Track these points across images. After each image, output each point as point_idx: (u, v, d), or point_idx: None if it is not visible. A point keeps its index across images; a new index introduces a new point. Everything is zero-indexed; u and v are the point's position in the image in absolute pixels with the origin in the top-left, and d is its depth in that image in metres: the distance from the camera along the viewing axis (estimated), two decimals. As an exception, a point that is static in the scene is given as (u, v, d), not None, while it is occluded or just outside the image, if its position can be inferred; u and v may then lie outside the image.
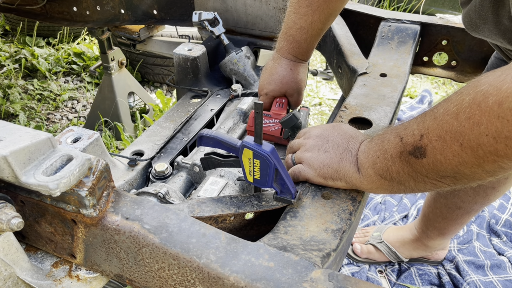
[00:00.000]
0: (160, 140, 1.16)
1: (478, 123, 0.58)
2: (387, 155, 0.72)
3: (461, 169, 0.63)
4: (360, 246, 1.75)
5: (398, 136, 0.71)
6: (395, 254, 1.70)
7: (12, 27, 3.54)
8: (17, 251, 0.69)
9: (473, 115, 0.59)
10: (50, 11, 1.98)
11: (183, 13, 1.67)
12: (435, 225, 1.59)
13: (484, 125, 0.57)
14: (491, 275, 1.72)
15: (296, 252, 0.66)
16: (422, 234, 1.65)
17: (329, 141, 0.83)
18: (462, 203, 1.46)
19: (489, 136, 0.57)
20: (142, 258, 0.67)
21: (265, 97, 1.20)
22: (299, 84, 1.19)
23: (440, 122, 0.64)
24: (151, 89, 3.06)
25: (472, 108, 0.59)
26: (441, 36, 1.39)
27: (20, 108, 2.72)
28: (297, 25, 1.09)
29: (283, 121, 1.09)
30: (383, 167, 0.73)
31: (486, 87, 0.58)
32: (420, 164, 0.67)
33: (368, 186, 0.78)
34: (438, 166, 0.65)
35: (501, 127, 0.56)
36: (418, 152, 0.67)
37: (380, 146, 0.74)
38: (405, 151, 0.69)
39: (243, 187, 1.01)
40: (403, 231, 1.75)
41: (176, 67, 1.43)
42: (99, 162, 0.64)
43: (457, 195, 1.45)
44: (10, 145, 0.59)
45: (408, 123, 0.71)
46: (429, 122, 0.66)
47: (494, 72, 0.59)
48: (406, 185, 0.72)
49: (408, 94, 3.08)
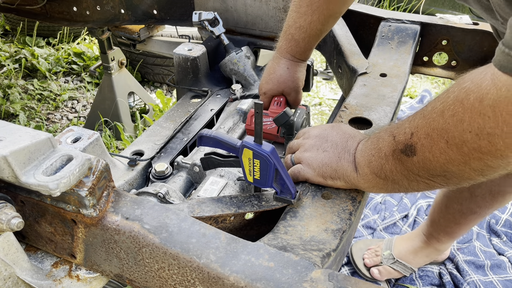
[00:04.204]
0: (160, 140, 1.16)
1: (461, 120, 0.58)
2: (381, 153, 0.73)
3: (449, 167, 0.63)
4: (378, 270, 1.69)
5: (391, 134, 0.71)
6: (411, 269, 1.70)
7: (12, 27, 3.54)
8: (17, 251, 0.69)
9: (456, 112, 0.59)
10: (50, 11, 1.97)
11: (183, 13, 1.67)
12: (446, 230, 1.55)
13: (466, 122, 0.58)
14: (491, 275, 1.72)
15: (296, 252, 0.66)
16: (432, 239, 1.62)
17: (328, 140, 0.83)
18: (478, 208, 1.42)
19: (472, 133, 0.57)
20: (142, 258, 0.67)
21: (264, 96, 1.21)
22: (296, 83, 1.20)
23: (428, 120, 0.64)
24: (151, 89, 3.06)
25: (456, 105, 0.59)
26: (441, 36, 1.39)
27: (20, 108, 2.72)
28: (296, 24, 1.10)
29: (275, 118, 1.10)
30: (377, 165, 0.74)
31: (469, 84, 0.58)
32: (411, 162, 0.67)
33: (365, 185, 0.78)
34: (428, 164, 0.65)
35: (483, 123, 0.56)
36: (409, 150, 0.67)
37: (375, 145, 0.75)
38: (397, 149, 0.69)
39: (243, 187, 1.01)
40: (412, 240, 1.70)
41: (176, 67, 1.43)
42: (99, 162, 0.64)
43: (474, 201, 1.40)
44: (10, 145, 0.59)
45: (402, 122, 0.71)
46: (419, 120, 0.66)
47: (477, 69, 0.59)
48: (400, 184, 0.72)
49: (408, 94, 3.07)
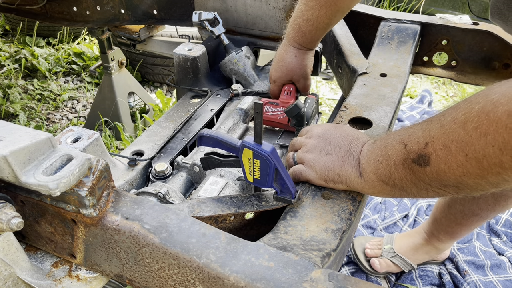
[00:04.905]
0: (160, 140, 1.16)
1: (485, 133, 0.56)
2: (390, 161, 0.71)
3: (464, 180, 0.61)
4: (378, 261, 1.72)
5: (402, 142, 0.69)
6: (410, 265, 1.71)
7: (12, 27, 3.54)
8: (17, 251, 0.69)
9: (481, 124, 0.56)
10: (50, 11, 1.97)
11: (183, 13, 1.67)
12: (447, 230, 1.56)
13: (491, 135, 0.55)
14: (491, 275, 1.72)
15: (296, 252, 0.66)
16: (433, 238, 1.64)
17: (331, 142, 0.82)
18: (480, 210, 1.42)
19: (495, 147, 0.55)
20: (142, 258, 0.67)
21: (274, 85, 1.23)
22: (304, 70, 1.21)
23: (447, 131, 0.62)
24: (151, 89, 3.06)
25: (481, 118, 0.56)
26: (441, 36, 1.39)
27: (20, 108, 2.72)
28: (304, 16, 1.11)
29: (287, 110, 1.11)
30: (385, 173, 0.72)
31: (497, 96, 0.55)
32: (423, 173, 0.66)
33: (369, 190, 0.77)
34: (442, 175, 0.63)
35: (508, 138, 0.54)
36: (422, 160, 0.65)
37: (383, 152, 0.73)
38: (408, 158, 0.67)
39: (243, 187, 1.01)
40: (413, 237, 1.72)
41: (176, 67, 1.43)
42: (99, 162, 0.64)
43: (476, 203, 1.41)
44: (10, 145, 0.59)
45: (413, 129, 0.69)
46: (435, 130, 0.64)
47: (507, 81, 0.56)
48: (408, 191, 0.71)
49: (408, 94, 3.08)
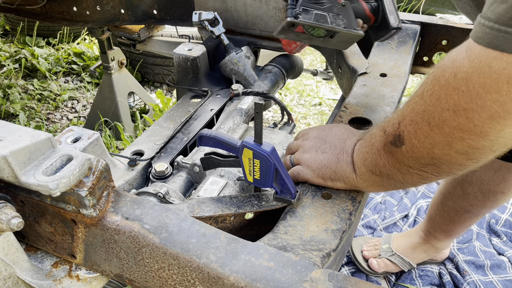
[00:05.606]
0: (160, 140, 1.16)
1: (439, 98, 0.58)
2: (373, 149, 0.73)
3: (435, 152, 0.63)
4: (376, 261, 1.73)
5: (382, 129, 0.72)
6: (409, 264, 1.72)
7: (12, 27, 3.54)
8: (17, 251, 0.69)
9: (434, 91, 0.59)
10: (50, 11, 1.97)
11: (183, 13, 1.67)
12: (442, 227, 1.58)
13: (443, 99, 0.57)
14: (491, 275, 1.72)
15: (296, 252, 0.66)
16: (430, 236, 1.65)
17: (326, 142, 0.84)
18: (471, 207, 1.44)
19: (450, 110, 0.57)
20: (142, 258, 0.67)
21: None
22: None
23: (411, 105, 0.64)
24: (151, 89, 3.06)
25: (434, 84, 0.59)
26: (441, 36, 1.39)
27: (20, 108, 2.72)
28: None
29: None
30: (372, 162, 0.74)
31: (445, 61, 0.58)
32: (400, 153, 0.68)
33: (363, 185, 0.78)
34: (416, 152, 0.65)
35: (458, 98, 0.55)
36: (397, 140, 0.67)
37: (369, 142, 0.75)
38: (387, 142, 0.70)
39: (243, 187, 1.01)
40: (410, 236, 1.73)
41: (176, 67, 1.43)
42: (99, 162, 0.64)
43: (466, 199, 1.43)
44: (10, 145, 0.59)
45: (392, 115, 0.72)
46: (404, 108, 0.67)
47: (456, 48, 0.59)
48: (395, 179, 0.72)
49: (408, 94, 3.07)
